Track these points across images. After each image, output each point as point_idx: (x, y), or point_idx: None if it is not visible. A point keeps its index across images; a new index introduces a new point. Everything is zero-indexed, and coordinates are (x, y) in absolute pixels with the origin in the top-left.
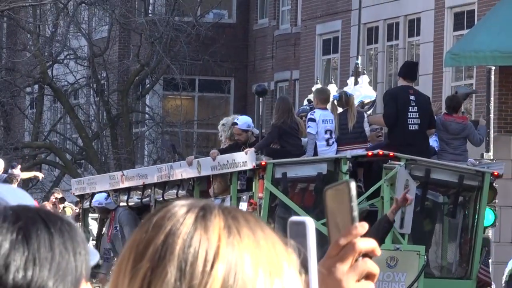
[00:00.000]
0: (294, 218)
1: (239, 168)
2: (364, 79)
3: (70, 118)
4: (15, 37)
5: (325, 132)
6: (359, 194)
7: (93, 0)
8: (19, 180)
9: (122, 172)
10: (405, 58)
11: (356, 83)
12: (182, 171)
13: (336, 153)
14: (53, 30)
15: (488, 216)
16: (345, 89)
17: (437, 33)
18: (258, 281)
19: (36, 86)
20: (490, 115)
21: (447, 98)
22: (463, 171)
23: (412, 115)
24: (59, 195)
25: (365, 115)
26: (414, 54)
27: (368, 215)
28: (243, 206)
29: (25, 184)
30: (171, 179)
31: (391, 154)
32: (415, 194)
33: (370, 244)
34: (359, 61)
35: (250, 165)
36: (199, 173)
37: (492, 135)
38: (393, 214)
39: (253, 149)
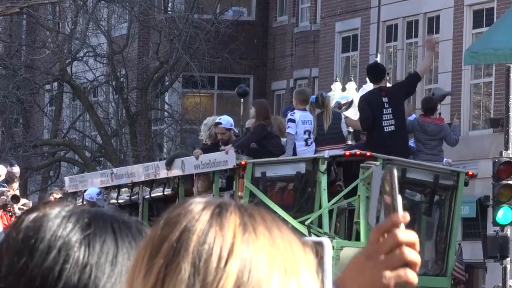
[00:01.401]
0: (310, 238)
1: (220, 167)
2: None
3: (89, 115)
4: (34, 34)
5: (304, 133)
6: (339, 193)
7: None
8: (19, 178)
9: (112, 170)
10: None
11: None
12: (168, 170)
13: (315, 153)
14: (72, 27)
15: (507, 214)
16: (364, 87)
17: (457, 31)
18: (274, 279)
19: (55, 84)
20: (509, 113)
21: (423, 100)
22: (438, 171)
23: (387, 116)
24: (58, 195)
25: (342, 116)
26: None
27: (348, 214)
28: None
29: (44, 181)
30: (157, 177)
31: (368, 154)
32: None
33: (411, 237)
34: (378, 59)
35: (230, 165)
36: (183, 172)
37: (511, 133)
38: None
39: (233, 148)
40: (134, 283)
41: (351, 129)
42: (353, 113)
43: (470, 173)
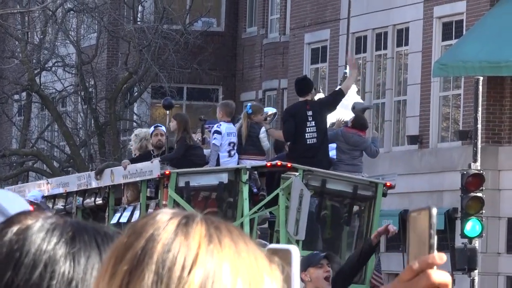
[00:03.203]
0: (275, 245)
1: (146, 177)
2: (352, 89)
3: (58, 125)
4: (3, 44)
5: (229, 144)
6: (260, 201)
7: (81, 7)
8: None
9: (47, 180)
10: (394, 68)
11: None
12: (97, 180)
13: (237, 164)
14: (41, 37)
15: (475, 227)
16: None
17: (426, 43)
18: None
19: (24, 94)
20: (478, 125)
21: (356, 117)
22: (357, 182)
23: (310, 129)
24: None
25: (263, 128)
26: (403, 63)
27: (269, 223)
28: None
29: None
30: (89, 187)
31: (289, 165)
32: (310, 203)
33: (445, 278)
34: (347, 70)
35: (155, 174)
36: (113, 181)
37: (479, 146)
38: (376, 239)
39: (158, 158)
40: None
41: (267, 143)
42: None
43: (388, 184)
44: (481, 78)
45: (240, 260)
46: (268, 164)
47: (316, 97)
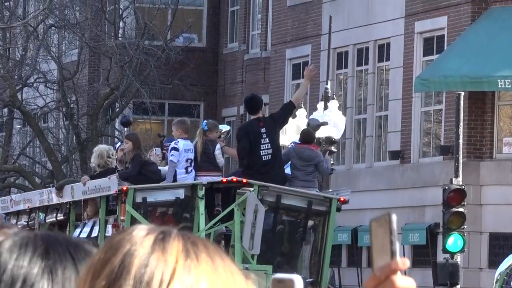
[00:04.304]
0: (280, 275)
1: (104, 193)
2: (333, 104)
3: (40, 141)
4: None
5: (186, 161)
6: (216, 216)
7: (62, 23)
8: None
9: (11, 196)
10: (375, 83)
11: (325, 107)
12: (58, 195)
13: (194, 180)
14: (23, 53)
15: (457, 242)
16: (314, 113)
17: (407, 58)
18: None
19: (5, 110)
20: (459, 141)
21: (302, 132)
22: (312, 197)
23: (264, 146)
24: None
25: (218, 146)
26: (384, 79)
27: (224, 238)
28: (109, 228)
29: None
30: (51, 203)
31: (244, 181)
32: (266, 218)
33: (409, 283)
34: (328, 86)
35: (113, 190)
36: (73, 197)
37: (461, 161)
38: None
39: (116, 175)
40: None
41: (222, 160)
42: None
43: (342, 199)
44: (463, 93)
45: (217, 276)
46: (224, 180)
47: (297, 113)
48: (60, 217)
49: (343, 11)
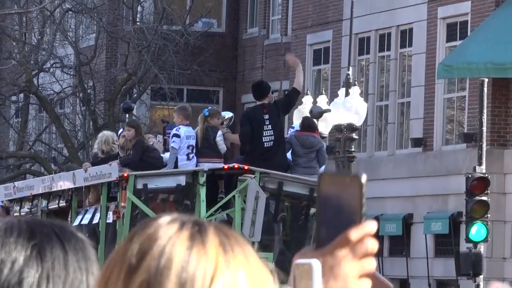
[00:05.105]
0: (300, 260)
1: (105, 180)
2: (355, 90)
3: (56, 127)
4: (1, 44)
5: (188, 147)
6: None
7: (80, 8)
8: None
9: (14, 183)
10: (397, 69)
11: (347, 94)
12: (61, 183)
13: (196, 166)
14: (39, 38)
15: (480, 231)
16: (335, 100)
17: (430, 44)
18: None
19: (21, 95)
20: (483, 128)
21: (304, 119)
22: (313, 184)
23: (267, 133)
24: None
25: (220, 132)
26: (406, 65)
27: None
28: (110, 215)
29: None
30: (53, 190)
31: (246, 167)
32: (267, 205)
33: (376, 246)
34: (350, 72)
35: (114, 177)
36: (75, 184)
37: (484, 149)
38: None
39: (117, 161)
40: None
41: (224, 146)
42: (324, 127)
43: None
44: (486, 79)
45: (250, 266)
46: (226, 166)
47: (318, 99)
48: (63, 204)
49: None
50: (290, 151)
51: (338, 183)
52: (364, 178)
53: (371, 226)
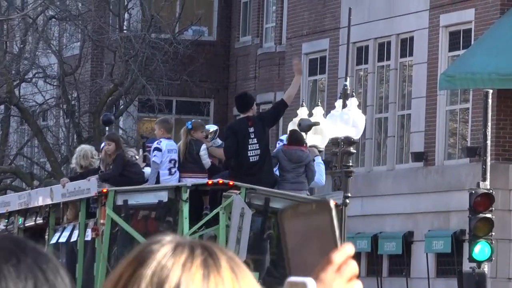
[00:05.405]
0: (293, 278)
1: (84, 195)
2: (352, 102)
3: (38, 141)
4: None
5: (169, 161)
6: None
7: (64, 15)
8: None
9: None
10: (397, 80)
11: (344, 106)
12: (38, 199)
13: (178, 182)
14: (21, 46)
15: (484, 250)
16: (332, 112)
17: (431, 53)
18: None
19: (2, 107)
20: (487, 142)
21: (292, 133)
22: (301, 200)
23: (252, 146)
24: None
25: (204, 146)
26: (407, 75)
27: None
28: (89, 232)
29: None
30: (30, 206)
31: (231, 183)
32: (254, 222)
33: (357, 268)
34: (347, 83)
35: (92, 192)
36: (52, 200)
37: (488, 163)
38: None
39: (96, 176)
40: None
41: (208, 161)
42: (320, 140)
43: (334, 202)
44: (491, 91)
45: None
46: (210, 182)
47: (314, 111)
48: (40, 221)
49: (364, 2)
50: (277, 166)
51: (302, 214)
52: (331, 202)
53: (350, 248)
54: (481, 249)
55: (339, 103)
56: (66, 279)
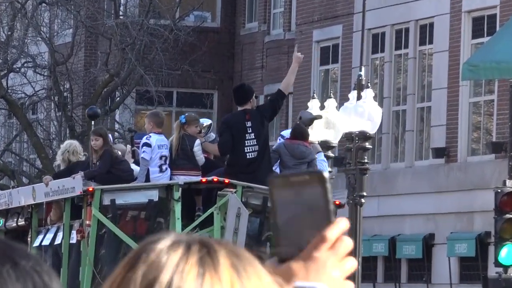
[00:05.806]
0: (301, 283)
1: (69, 194)
2: (368, 94)
3: (28, 135)
4: None
5: (160, 158)
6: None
7: None
8: None
9: None
10: (416, 70)
11: (359, 97)
12: (19, 199)
13: (170, 179)
14: (9, 33)
15: (511, 254)
16: (345, 104)
17: (453, 41)
18: None
19: None
20: None
21: (295, 127)
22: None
23: (250, 142)
24: None
25: (198, 141)
26: (426, 64)
27: None
28: (74, 234)
29: None
30: (11, 206)
31: (226, 181)
32: (251, 223)
33: (352, 244)
34: (362, 73)
35: (77, 191)
36: (35, 200)
37: None
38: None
39: (81, 173)
40: None
41: (202, 157)
42: (333, 135)
43: (337, 202)
44: None
45: (263, 285)
46: (204, 180)
47: (326, 104)
48: (22, 222)
49: None
50: (278, 162)
51: (294, 184)
52: (326, 173)
53: (344, 223)
54: (507, 253)
55: (353, 94)
56: (59, 282)
